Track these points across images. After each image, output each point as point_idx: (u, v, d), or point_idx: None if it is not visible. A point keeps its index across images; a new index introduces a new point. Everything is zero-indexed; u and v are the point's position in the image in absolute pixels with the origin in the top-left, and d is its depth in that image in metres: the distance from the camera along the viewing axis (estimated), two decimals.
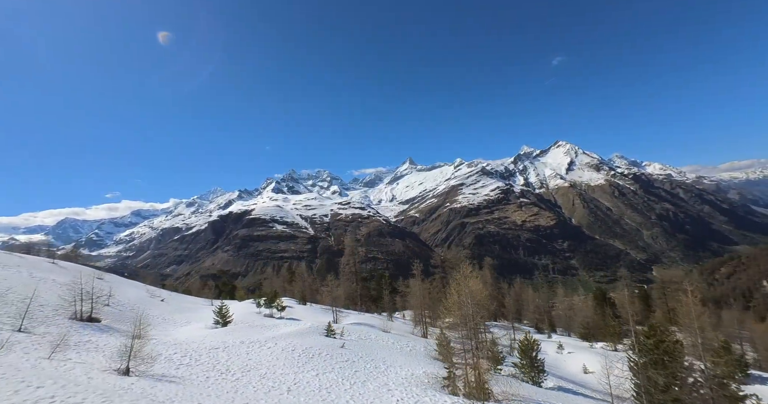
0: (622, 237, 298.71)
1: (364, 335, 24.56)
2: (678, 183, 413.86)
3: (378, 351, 20.83)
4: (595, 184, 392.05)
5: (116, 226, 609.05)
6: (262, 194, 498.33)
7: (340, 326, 26.19)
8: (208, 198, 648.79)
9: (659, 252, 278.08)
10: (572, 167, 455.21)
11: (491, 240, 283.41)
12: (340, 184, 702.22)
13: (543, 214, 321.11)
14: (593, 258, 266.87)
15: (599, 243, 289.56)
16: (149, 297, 33.06)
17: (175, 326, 24.63)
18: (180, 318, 27.56)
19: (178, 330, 23.70)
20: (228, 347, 18.31)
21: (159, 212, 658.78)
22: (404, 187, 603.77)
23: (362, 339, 23.32)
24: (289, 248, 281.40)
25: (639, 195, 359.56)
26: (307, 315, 33.10)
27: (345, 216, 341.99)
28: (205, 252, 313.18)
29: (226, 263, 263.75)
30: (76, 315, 19.56)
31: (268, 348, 18.58)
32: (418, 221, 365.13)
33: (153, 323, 23.08)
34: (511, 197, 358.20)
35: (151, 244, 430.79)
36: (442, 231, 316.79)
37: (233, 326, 24.49)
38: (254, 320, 27.08)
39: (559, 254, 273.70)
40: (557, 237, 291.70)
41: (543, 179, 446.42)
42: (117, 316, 22.95)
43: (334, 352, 18.72)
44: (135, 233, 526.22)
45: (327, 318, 29.97)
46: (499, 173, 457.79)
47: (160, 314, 27.25)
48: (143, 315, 23.82)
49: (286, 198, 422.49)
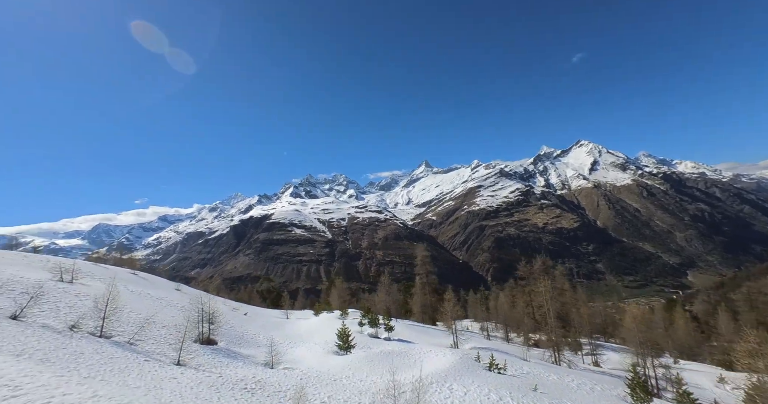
0: (653, 240, 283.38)
1: (522, 368, 20.08)
2: (713, 182, 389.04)
3: (567, 394, 16.81)
4: (621, 184, 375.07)
5: (144, 230, 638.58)
6: (280, 198, 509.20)
7: (472, 352, 21.82)
8: (229, 203, 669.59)
9: (695, 256, 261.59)
10: (596, 167, 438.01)
11: (511, 243, 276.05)
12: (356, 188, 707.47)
13: (565, 216, 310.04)
14: (621, 262, 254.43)
15: (627, 246, 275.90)
16: (230, 311, 30.70)
17: (286, 348, 21.76)
18: (280, 336, 24.91)
19: (293, 352, 21.25)
20: (404, 392, 12.65)
21: (184, 217, 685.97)
22: (420, 190, 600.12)
23: (529, 375, 19.01)
24: (308, 251, 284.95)
25: (670, 195, 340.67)
26: (412, 335, 28.45)
27: (362, 220, 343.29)
28: (227, 256, 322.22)
29: (247, 267, 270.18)
30: (200, 337, 18.13)
31: (471, 398, 14.31)
32: (435, 224, 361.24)
33: (257, 343, 21.56)
34: (531, 198, 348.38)
35: (176, 248, 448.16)
36: (460, 234, 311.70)
37: (360, 352, 20.93)
38: (367, 343, 23.51)
39: (583, 258, 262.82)
40: (581, 240, 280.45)
41: (564, 179, 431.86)
42: (224, 335, 20.85)
43: None
44: (162, 237, 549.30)
45: (438, 339, 26.68)
46: (518, 174, 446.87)
47: (255, 331, 24.94)
48: (245, 334, 23.09)
49: (304, 202, 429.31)
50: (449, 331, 27.60)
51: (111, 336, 15.03)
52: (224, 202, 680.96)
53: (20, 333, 11.77)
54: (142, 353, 14.03)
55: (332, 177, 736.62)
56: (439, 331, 33.92)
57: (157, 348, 15.38)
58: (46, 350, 10.89)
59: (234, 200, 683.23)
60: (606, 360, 31.25)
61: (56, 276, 22.45)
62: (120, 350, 13.27)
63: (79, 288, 21.17)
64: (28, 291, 17.36)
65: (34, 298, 14.99)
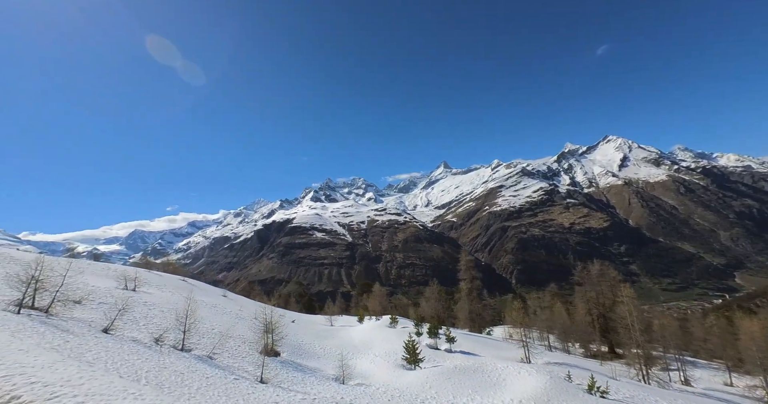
0: (693, 239, 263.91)
1: (620, 390, 17.46)
2: (762, 175, 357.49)
3: None
4: (654, 180, 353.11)
5: (175, 236, 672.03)
6: (301, 202, 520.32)
7: (555, 369, 20.09)
8: (252, 208, 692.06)
9: (742, 256, 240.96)
10: (626, 163, 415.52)
11: (536, 244, 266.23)
12: (375, 190, 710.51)
13: (594, 215, 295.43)
14: (657, 263, 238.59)
15: (664, 246, 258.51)
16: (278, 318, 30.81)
17: (347, 360, 20.79)
18: (334, 346, 24.36)
19: (356, 364, 20.70)
20: None
21: (211, 223, 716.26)
22: (439, 191, 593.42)
23: (635, 399, 16.57)
24: (329, 254, 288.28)
25: (711, 191, 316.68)
26: (474, 346, 26.62)
27: (381, 222, 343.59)
28: (251, 259, 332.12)
29: (271, 270, 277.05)
30: (265, 348, 18.21)
31: None
32: (455, 226, 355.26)
33: (315, 353, 21.21)
34: (556, 197, 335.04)
35: (204, 252, 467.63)
36: (482, 236, 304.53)
37: (430, 367, 19.63)
38: (431, 356, 22.33)
39: (615, 259, 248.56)
40: (612, 240, 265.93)
41: (592, 177, 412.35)
42: (284, 345, 20.61)
43: None
44: (191, 242, 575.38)
45: (504, 352, 24.80)
46: (542, 173, 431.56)
47: (309, 341, 24.42)
48: (302, 344, 22.98)
49: (324, 206, 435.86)
50: (510, 341, 26.01)
51: (191, 349, 15.57)
52: (248, 207, 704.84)
53: (119, 349, 12.27)
54: (226, 369, 14.40)
55: (351, 181, 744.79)
56: (498, 342, 32.04)
57: (234, 362, 15.74)
58: (151, 370, 11.15)
59: (257, 205, 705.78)
60: (698, 379, 27.91)
61: (121, 285, 23.98)
62: (208, 367, 13.62)
63: (144, 297, 22.45)
64: (106, 301, 18.53)
65: (122, 311, 15.53)
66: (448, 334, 25.69)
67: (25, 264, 15.87)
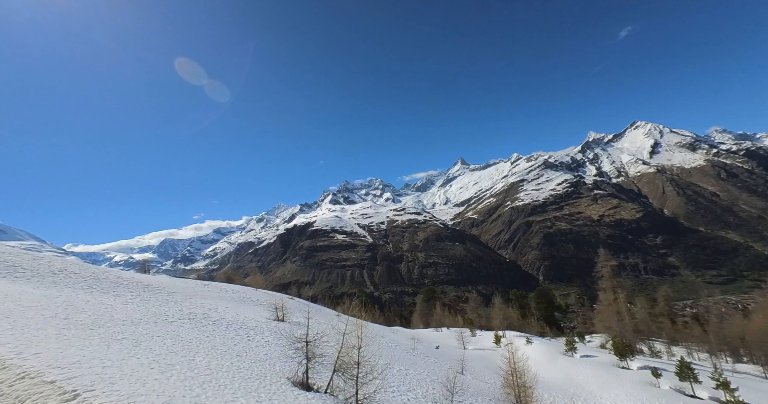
0: (739, 227, 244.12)
1: None
2: None
3: None
4: (690, 166, 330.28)
5: (202, 243, 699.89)
6: (320, 206, 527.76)
7: None
8: (274, 213, 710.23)
9: None
10: (657, 149, 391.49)
11: (563, 239, 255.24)
12: (392, 191, 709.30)
13: (625, 206, 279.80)
14: (699, 254, 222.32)
15: (706, 236, 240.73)
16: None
17: None
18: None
19: None
20: None
21: (235, 229, 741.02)
22: (458, 188, 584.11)
23: None
24: (350, 256, 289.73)
25: (758, 174, 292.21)
26: None
27: (401, 222, 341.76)
28: (275, 263, 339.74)
29: (294, 273, 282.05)
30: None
31: None
32: (476, 223, 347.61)
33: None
34: (582, 189, 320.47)
35: (230, 258, 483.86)
36: (505, 232, 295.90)
37: None
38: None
39: (651, 251, 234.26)
40: (646, 232, 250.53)
41: (620, 166, 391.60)
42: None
43: None
44: (217, 248, 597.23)
45: None
46: (565, 164, 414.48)
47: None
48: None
49: (343, 208, 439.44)
50: None
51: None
52: (269, 212, 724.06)
53: None
54: None
55: (368, 182, 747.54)
56: None
57: None
58: None
59: (277, 210, 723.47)
60: None
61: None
62: None
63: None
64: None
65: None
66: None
67: None
